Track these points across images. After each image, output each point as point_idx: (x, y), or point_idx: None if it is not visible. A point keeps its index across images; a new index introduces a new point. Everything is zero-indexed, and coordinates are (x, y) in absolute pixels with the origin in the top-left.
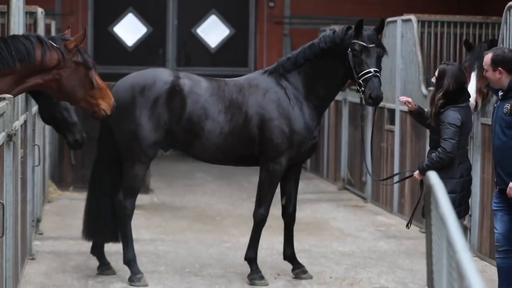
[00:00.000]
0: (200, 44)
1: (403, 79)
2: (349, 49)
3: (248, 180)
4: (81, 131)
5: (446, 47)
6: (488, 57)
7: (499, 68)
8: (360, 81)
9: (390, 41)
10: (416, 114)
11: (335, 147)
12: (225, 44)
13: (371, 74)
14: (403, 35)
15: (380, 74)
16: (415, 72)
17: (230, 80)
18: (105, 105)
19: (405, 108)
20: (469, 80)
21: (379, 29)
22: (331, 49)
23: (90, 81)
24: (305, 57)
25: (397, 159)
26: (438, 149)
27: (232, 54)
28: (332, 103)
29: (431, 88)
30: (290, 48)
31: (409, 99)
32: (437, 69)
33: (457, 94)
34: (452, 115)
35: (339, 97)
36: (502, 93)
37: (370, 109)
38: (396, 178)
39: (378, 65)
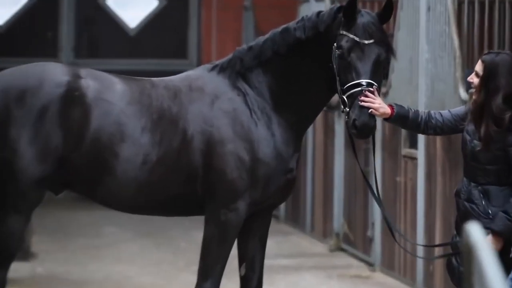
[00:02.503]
0: (112, 23)
1: (430, 75)
2: (335, 44)
3: (187, 237)
4: None
5: (499, 25)
6: None
7: None
8: (344, 97)
9: (410, 18)
10: (398, 119)
11: (324, 184)
12: (152, 23)
13: (360, 88)
14: (430, 7)
15: (376, 89)
16: (449, 66)
17: (160, 80)
18: None
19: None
20: None
21: (386, 13)
22: (311, 41)
23: None
24: (274, 49)
25: (421, 201)
26: None
27: (162, 38)
28: (321, 114)
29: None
30: (254, 31)
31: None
32: (480, 62)
33: None
34: None
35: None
36: None
37: (378, 123)
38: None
39: (376, 74)
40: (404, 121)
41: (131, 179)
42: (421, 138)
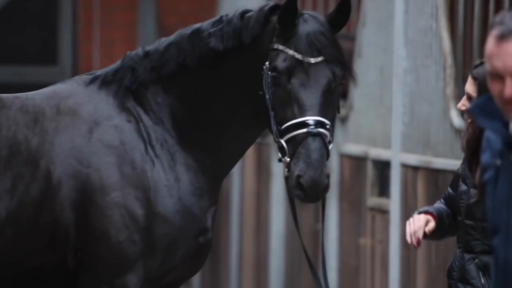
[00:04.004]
0: None
1: (410, 93)
2: (267, 64)
3: None
4: None
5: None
6: None
7: None
8: (282, 141)
9: (381, 9)
10: (438, 233)
11: (256, 248)
12: (5, 15)
13: (305, 130)
14: None
15: (328, 131)
16: (436, 79)
17: (14, 97)
18: None
19: (413, 161)
20: None
21: (340, 16)
22: (233, 55)
23: None
24: (179, 60)
25: (395, 273)
26: None
27: (20, 36)
28: (252, 148)
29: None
30: (155, 27)
31: (417, 235)
32: (472, 80)
33: None
34: None
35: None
36: None
37: (334, 163)
38: None
39: (328, 107)
40: (443, 227)
41: None
42: (395, 183)
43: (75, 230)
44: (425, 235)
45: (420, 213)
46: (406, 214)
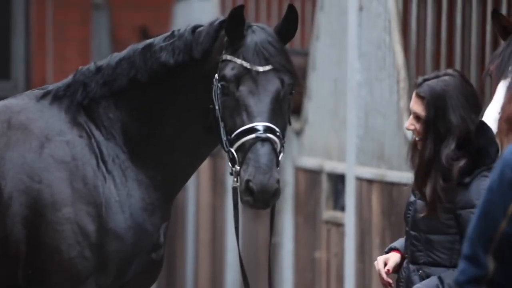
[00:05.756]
0: None
1: (364, 106)
2: (216, 75)
3: None
4: None
5: (463, 33)
6: None
7: None
8: (233, 150)
9: (334, 22)
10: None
11: (212, 264)
12: None
13: (254, 135)
14: (363, 6)
15: (278, 139)
16: (390, 92)
17: None
18: None
19: (368, 174)
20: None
21: (288, 26)
22: (184, 70)
23: None
24: (131, 75)
25: (350, 287)
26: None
27: None
28: (207, 161)
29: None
30: (109, 41)
31: (390, 267)
32: (417, 99)
33: (482, 139)
34: None
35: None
36: None
37: (289, 176)
38: None
39: (277, 114)
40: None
41: None
42: (350, 196)
43: (26, 246)
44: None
45: (388, 250)
46: (361, 227)
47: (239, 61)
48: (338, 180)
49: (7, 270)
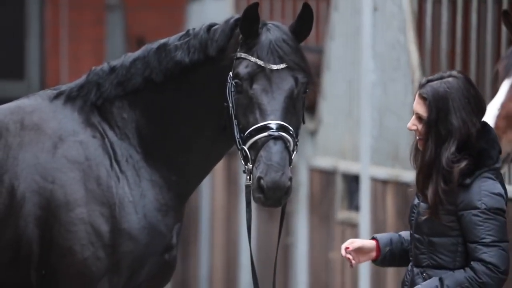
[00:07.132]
0: None
1: (378, 106)
2: (230, 73)
3: None
4: None
5: (478, 33)
6: None
7: None
8: (245, 147)
9: (349, 22)
10: (387, 259)
11: (226, 264)
12: None
13: (266, 134)
14: (377, 7)
15: (291, 137)
16: (405, 92)
17: None
18: None
19: (382, 175)
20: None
21: (302, 25)
22: (199, 68)
23: None
24: (145, 75)
25: (366, 287)
26: (473, 266)
27: None
28: (222, 162)
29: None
30: (123, 41)
31: (351, 245)
32: (420, 100)
33: (483, 141)
34: (492, 189)
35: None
36: None
37: (303, 175)
38: None
39: (290, 113)
40: (393, 256)
41: None
42: (364, 196)
43: (39, 246)
44: (374, 259)
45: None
46: (376, 227)
47: (253, 59)
48: (352, 180)
49: (20, 271)
